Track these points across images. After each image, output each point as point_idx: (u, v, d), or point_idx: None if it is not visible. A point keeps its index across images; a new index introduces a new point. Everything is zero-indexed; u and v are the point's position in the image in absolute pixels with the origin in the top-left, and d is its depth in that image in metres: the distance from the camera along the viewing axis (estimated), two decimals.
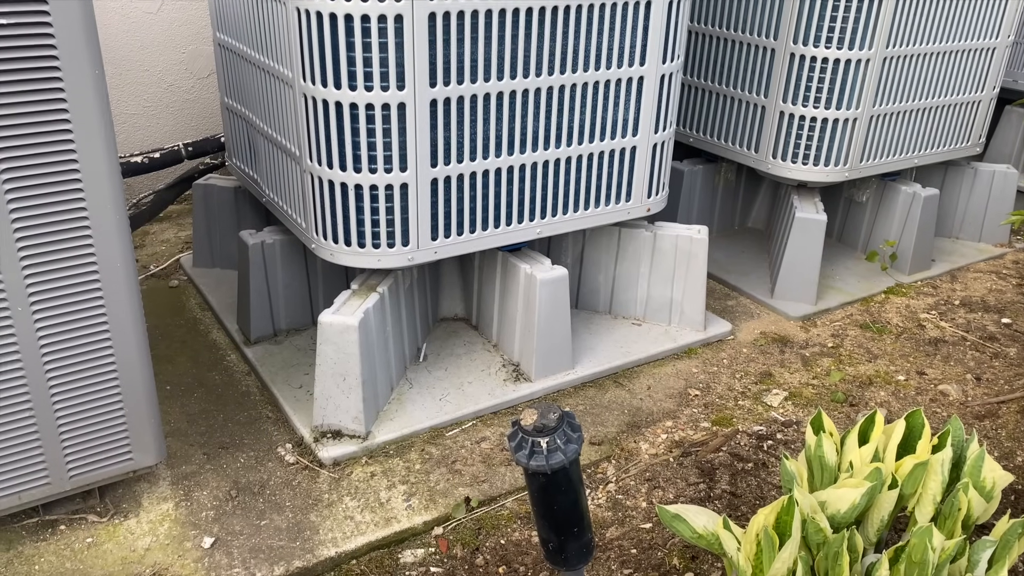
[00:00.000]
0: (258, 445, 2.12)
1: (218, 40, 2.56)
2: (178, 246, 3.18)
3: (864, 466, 1.50)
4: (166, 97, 3.45)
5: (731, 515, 1.94)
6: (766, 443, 2.19)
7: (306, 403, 2.21)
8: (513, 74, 2.08)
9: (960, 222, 3.42)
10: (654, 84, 2.31)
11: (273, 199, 2.40)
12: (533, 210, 2.29)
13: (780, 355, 2.61)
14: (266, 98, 2.25)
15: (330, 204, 2.06)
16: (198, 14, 3.40)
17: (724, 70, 2.95)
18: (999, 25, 2.97)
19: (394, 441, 2.12)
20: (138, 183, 3.41)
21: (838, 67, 2.68)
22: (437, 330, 2.59)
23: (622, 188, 2.42)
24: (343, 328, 2.01)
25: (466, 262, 2.56)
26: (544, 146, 2.22)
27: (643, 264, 2.62)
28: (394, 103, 1.94)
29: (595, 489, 2.02)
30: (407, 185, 2.04)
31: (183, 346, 2.53)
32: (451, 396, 2.28)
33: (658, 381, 2.45)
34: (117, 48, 3.29)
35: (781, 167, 2.87)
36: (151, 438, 1.82)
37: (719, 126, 3.03)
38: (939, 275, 3.15)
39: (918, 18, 2.73)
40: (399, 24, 1.87)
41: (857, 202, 3.23)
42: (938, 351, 2.65)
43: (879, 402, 2.39)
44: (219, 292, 2.74)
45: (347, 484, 1.99)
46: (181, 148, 3.12)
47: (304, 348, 2.44)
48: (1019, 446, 2.20)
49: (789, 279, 2.87)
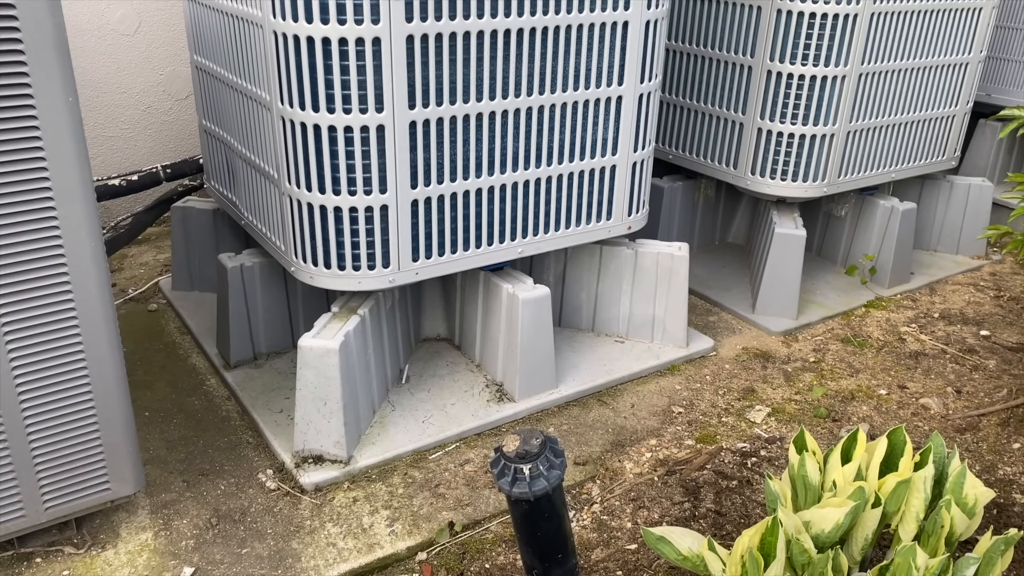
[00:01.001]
0: (239, 471, 2.09)
1: (195, 62, 2.55)
2: (157, 269, 3.15)
3: (847, 485, 1.50)
4: (144, 119, 3.43)
5: (716, 534, 1.93)
6: (750, 460, 2.19)
7: (287, 428, 2.19)
8: (492, 95, 2.08)
9: (938, 235, 3.45)
10: (632, 103, 2.32)
11: (252, 222, 2.38)
12: (514, 230, 2.28)
13: (762, 371, 2.61)
14: (244, 120, 2.24)
15: (309, 226, 2.05)
16: (176, 35, 3.38)
17: (702, 88, 2.97)
18: (971, 41, 3.01)
19: (376, 465, 2.10)
20: (116, 206, 3.39)
21: (815, 84, 2.71)
22: (420, 351, 2.58)
23: (603, 207, 2.42)
24: (323, 352, 1.99)
25: (448, 282, 2.55)
26: (524, 166, 2.22)
27: (625, 281, 2.62)
28: (373, 125, 1.94)
29: (580, 510, 2.01)
30: (387, 207, 2.04)
31: (162, 371, 2.50)
32: (434, 418, 2.26)
33: (642, 399, 2.44)
34: (94, 71, 3.27)
35: (760, 183, 2.88)
36: (129, 467, 1.79)
37: (698, 143, 3.05)
38: (918, 288, 3.17)
39: (892, 35, 2.76)
40: (377, 47, 1.87)
41: (836, 216, 3.26)
42: (919, 364, 2.67)
43: (861, 417, 2.40)
44: (198, 316, 2.71)
45: (329, 510, 1.97)
46: (160, 170, 3.10)
47: (285, 372, 2.42)
48: (1000, 459, 2.21)
49: (770, 294, 2.88)
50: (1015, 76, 3.76)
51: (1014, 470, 2.16)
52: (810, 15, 2.62)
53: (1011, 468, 2.17)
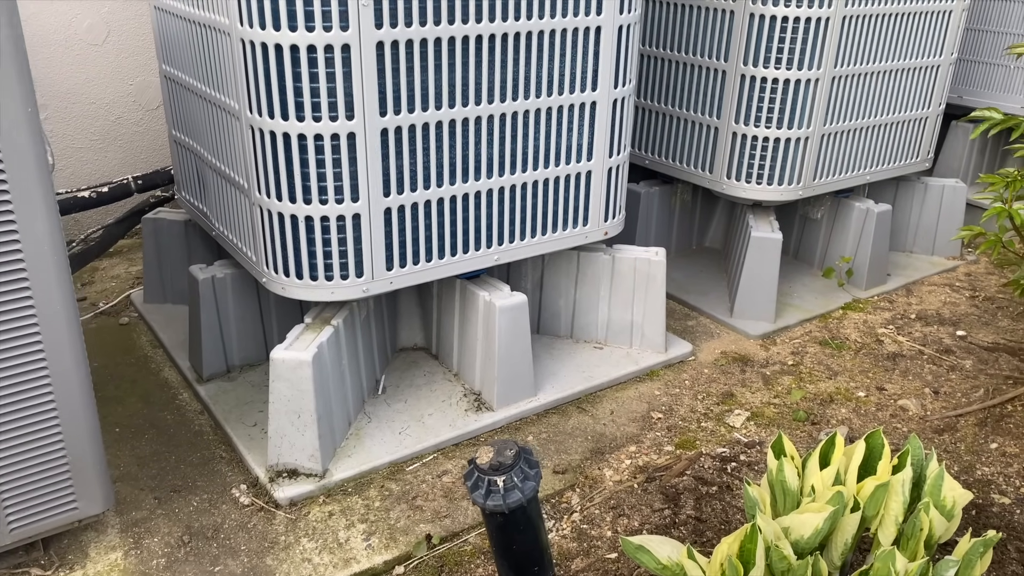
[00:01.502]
0: (211, 487, 2.05)
1: (164, 72, 2.52)
2: (128, 282, 3.10)
3: (826, 490, 1.49)
4: (114, 130, 3.38)
5: (696, 541, 1.91)
6: (730, 465, 2.18)
7: (261, 442, 2.15)
8: (465, 101, 2.06)
9: (913, 236, 3.47)
10: (607, 109, 2.31)
11: (223, 232, 2.35)
12: (490, 237, 2.26)
13: (741, 374, 2.61)
14: (213, 130, 2.21)
15: (280, 237, 2.02)
16: (145, 44, 3.34)
17: (677, 92, 2.97)
18: (942, 44, 3.03)
19: (352, 478, 2.07)
20: (87, 218, 3.33)
21: (788, 87, 2.71)
22: (396, 361, 2.55)
23: (579, 213, 2.41)
24: (296, 364, 1.96)
25: (424, 291, 2.53)
26: (499, 173, 2.20)
27: (603, 287, 2.61)
28: (343, 133, 1.91)
29: (560, 519, 1.99)
30: (359, 215, 2.01)
31: (133, 386, 2.45)
32: (411, 429, 2.23)
33: (621, 405, 2.43)
34: (61, 81, 3.21)
35: (735, 187, 2.88)
36: (97, 485, 1.75)
37: (674, 148, 3.05)
38: (895, 289, 3.18)
39: (864, 38, 2.77)
40: (347, 54, 1.85)
41: (812, 219, 3.27)
42: (896, 366, 2.67)
43: (840, 419, 2.39)
44: (171, 329, 2.67)
45: (304, 525, 1.94)
46: (130, 181, 3.05)
47: (258, 384, 2.38)
48: (978, 459, 2.21)
49: (747, 298, 2.87)
50: (986, 78, 3.79)
51: (992, 470, 2.17)
52: (783, 19, 2.62)
53: (989, 468, 2.18)
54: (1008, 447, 2.26)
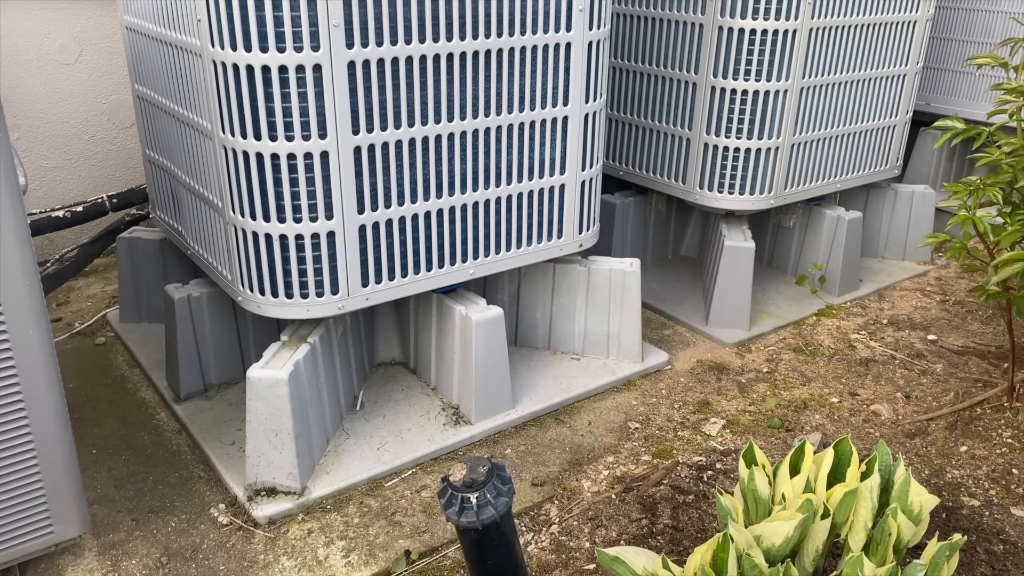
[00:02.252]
0: (190, 507, 2.05)
1: (137, 92, 2.52)
2: (104, 301, 3.09)
3: (796, 497, 1.52)
4: (88, 149, 3.37)
5: (673, 550, 1.93)
6: (706, 473, 2.20)
7: (239, 460, 2.15)
8: (437, 119, 2.08)
9: (884, 242, 3.52)
10: (578, 123, 2.33)
11: (198, 251, 2.35)
12: (465, 251, 2.28)
13: (717, 383, 2.64)
14: (187, 150, 2.21)
15: (255, 255, 2.03)
16: (119, 63, 3.33)
17: (649, 105, 3.00)
18: (908, 53, 3.09)
19: (331, 495, 2.07)
20: (61, 237, 3.31)
21: (758, 98, 2.75)
22: (374, 376, 2.56)
23: (553, 225, 2.43)
24: (272, 382, 1.96)
25: (401, 306, 2.54)
26: (473, 188, 2.22)
27: (579, 299, 2.63)
28: (316, 152, 1.93)
29: (538, 532, 2.00)
30: (334, 233, 2.02)
31: (110, 406, 2.44)
32: (389, 444, 2.24)
33: (599, 416, 2.45)
34: (34, 101, 3.20)
35: (708, 197, 2.92)
36: (73, 509, 1.74)
37: (647, 159, 3.08)
38: (867, 295, 3.23)
39: (831, 49, 2.82)
40: (318, 74, 1.86)
41: (785, 227, 3.31)
42: (869, 371, 2.71)
43: (814, 426, 2.43)
44: (147, 348, 2.66)
45: (283, 543, 1.94)
46: (105, 200, 3.04)
47: (236, 403, 2.38)
48: (948, 463, 2.25)
49: (722, 306, 2.91)
50: (952, 85, 3.86)
51: (961, 473, 2.21)
52: (751, 31, 2.67)
53: (959, 471, 2.21)
54: (977, 450, 2.30)
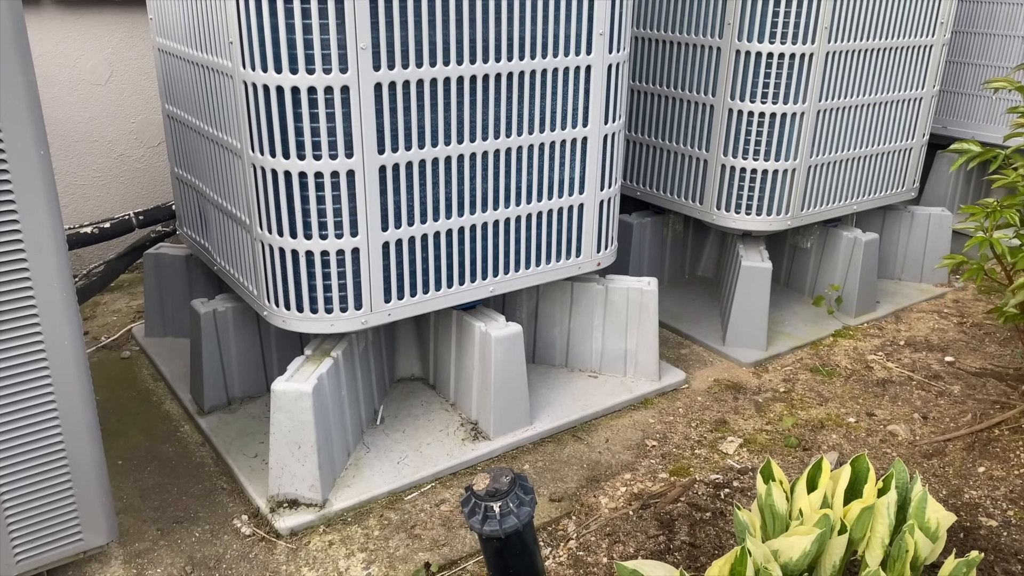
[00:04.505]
0: (213, 518, 2.09)
1: (167, 111, 2.58)
2: (130, 316, 3.15)
3: (813, 513, 1.53)
4: (116, 167, 3.44)
5: (691, 566, 1.95)
6: (723, 491, 2.22)
7: (261, 473, 2.18)
8: (460, 139, 2.13)
9: (901, 264, 3.53)
10: (598, 144, 2.38)
11: (224, 267, 2.40)
12: (485, 269, 2.32)
13: (734, 402, 2.65)
14: (216, 168, 2.27)
15: (281, 271, 2.07)
16: (147, 84, 3.42)
17: (667, 126, 3.04)
18: (924, 77, 3.12)
19: (352, 508, 2.10)
20: (88, 253, 3.38)
21: (775, 121, 2.79)
22: (394, 391, 2.59)
23: (572, 244, 2.47)
24: (296, 395, 2.00)
25: (421, 322, 2.58)
26: (493, 207, 2.26)
27: (596, 317, 2.66)
28: (343, 171, 1.98)
29: (556, 547, 2.02)
30: (358, 250, 2.07)
31: (135, 419, 2.49)
32: (409, 459, 2.27)
33: (616, 433, 2.47)
34: (65, 120, 3.29)
35: (725, 218, 2.95)
36: (102, 517, 1.78)
37: (665, 180, 3.12)
38: (884, 316, 3.24)
39: (848, 73, 2.86)
40: (345, 95, 1.91)
41: (801, 248, 3.33)
42: (886, 392, 2.72)
43: (831, 445, 2.44)
44: (172, 362, 2.71)
45: (305, 554, 1.97)
46: (132, 217, 3.11)
47: (259, 416, 2.42)
48: (966, 483, 2.25)
49: (739, 326, 2.93)
50: (969, 109, 3.88)
51: (979, 493, 2.21)
52: (767, 55, 2.71)
53: (976, 492, 2.22)
54: (995, 471, 2.30)
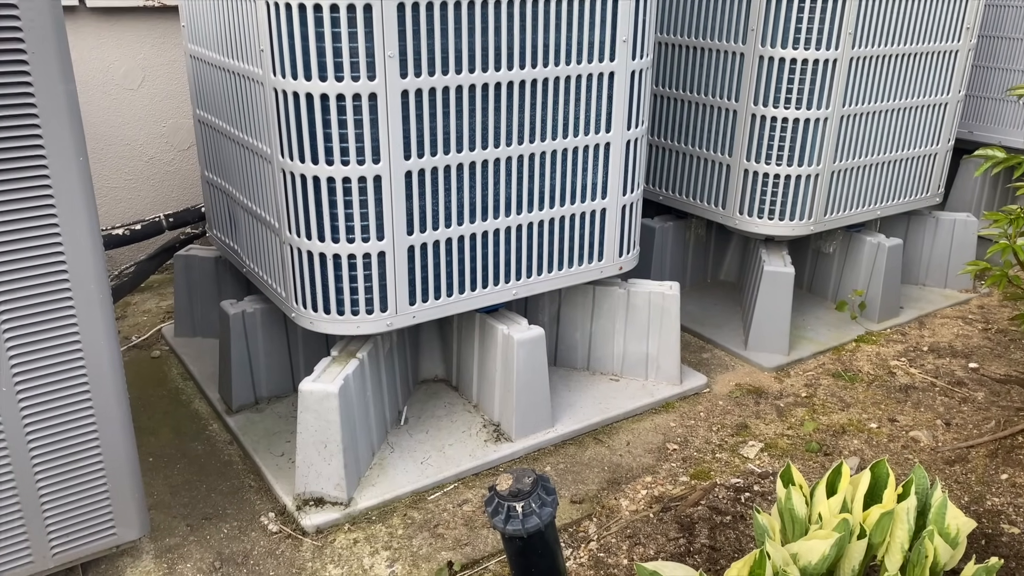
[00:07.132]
0: (241, 515, 2.13)
1: (198, 116, 2.64)
2: (160, 316, 3.21)
3: (833, 517, 1.55)
4: (147, 170, 3.52)
5: (710, 569, 1.96)
6: (744, 495, 2.23)
7: (288, 471, 2.23)
8: (484, 144, 2.16)
9: (925, 269, 3.52)
10: (620, 149, 2.40)
11: (253, 269, 2.45)
12: (508, 272, 2.35)
13: (755, 406, 2.66)
14: (245, 172, 2.32)
15: (309, 273, 2.12)
16: (178, 88, 3.49)
17: (690, 131, 3.06)
18: (949, 82, 3.11)
19: (376, 507, 2.14)
20: (120, 255, 3.46)
21: (798, 126, 2.80)
22: (418, 392, 2.63)
23: (594, 248, 2.49)
24: (323, 395, 2.04)
25: (445, 324, 2.61)
26: (517, 211, 2.29)
27: (618, 321, 2.68)
28: (370, 176, 2.01)
29: (577, 548, 2.05)
30: (384, 253, 2.10)
31: (165, 417, 2.54)
32: (432, 459, 2.31)
33: (637, 436, 2.49)
34: (98, 124, 3.36)
35: (748, 222, 2.96)
36: (134, 512, 1.83)
37: (687, 184, 3.13)
38: (907, 322, 3.23)
39: (871, 78, 2.86)
40: (373, 102, 1.95)
41: (824, 253, 3.33)
42: (908, 398, 2.72)
43: (852, 450, 2.44)
44: (201, 361, 2.77)
45: (330, 552, 2.01)
46: (162, 219, 3.18)
47: (286, 416, 2.46)
48: (988, 490, 2.25)
49: (761, 331, 2.93)
50: (996, 113, 3.86)
51: (1002, 500, 2.20)
52: (791, 61, 2.71)
53: (999, 499, 2.21)
54: (1018, 478, 2.29)
